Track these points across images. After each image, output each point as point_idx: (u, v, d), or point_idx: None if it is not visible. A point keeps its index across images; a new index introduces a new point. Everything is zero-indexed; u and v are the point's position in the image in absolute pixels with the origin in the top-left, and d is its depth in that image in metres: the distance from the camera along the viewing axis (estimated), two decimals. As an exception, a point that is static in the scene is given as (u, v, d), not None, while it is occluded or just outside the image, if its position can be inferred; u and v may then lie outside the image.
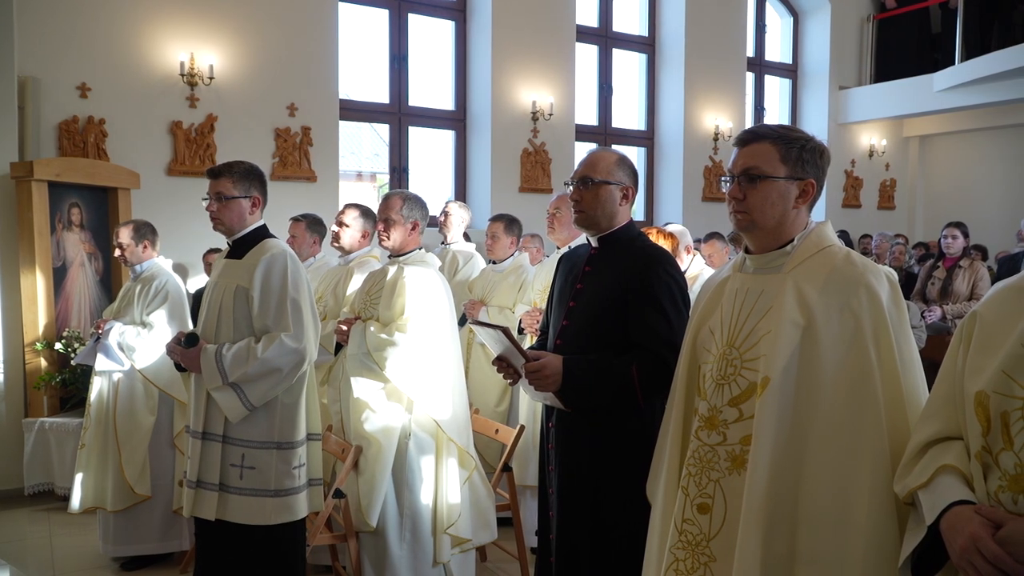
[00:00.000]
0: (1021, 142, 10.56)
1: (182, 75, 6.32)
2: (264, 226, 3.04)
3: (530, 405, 4.21)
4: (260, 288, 2.86)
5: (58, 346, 5.10)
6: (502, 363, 2.40)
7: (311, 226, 4.72)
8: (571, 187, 2.46)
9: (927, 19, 10.43)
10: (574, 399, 2.34)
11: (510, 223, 4.76)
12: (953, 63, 9.33)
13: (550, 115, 8.17)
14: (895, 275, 1.84)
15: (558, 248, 4.31)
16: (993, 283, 5.30)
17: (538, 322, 4.16)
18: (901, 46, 10.49)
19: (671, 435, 2.01)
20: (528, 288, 4.48)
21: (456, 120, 8.20)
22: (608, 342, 2.35)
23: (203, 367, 2.86)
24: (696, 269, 4.50)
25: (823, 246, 1.85)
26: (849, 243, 9.04)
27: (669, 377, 2.15)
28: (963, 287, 6.11)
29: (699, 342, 1.97)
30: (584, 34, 8.76)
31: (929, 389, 1.64)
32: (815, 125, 10.66)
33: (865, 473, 1.66)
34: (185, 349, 2.90)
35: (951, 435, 1.52)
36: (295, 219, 4.74)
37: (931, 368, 1.62)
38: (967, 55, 9.22)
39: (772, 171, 1.85)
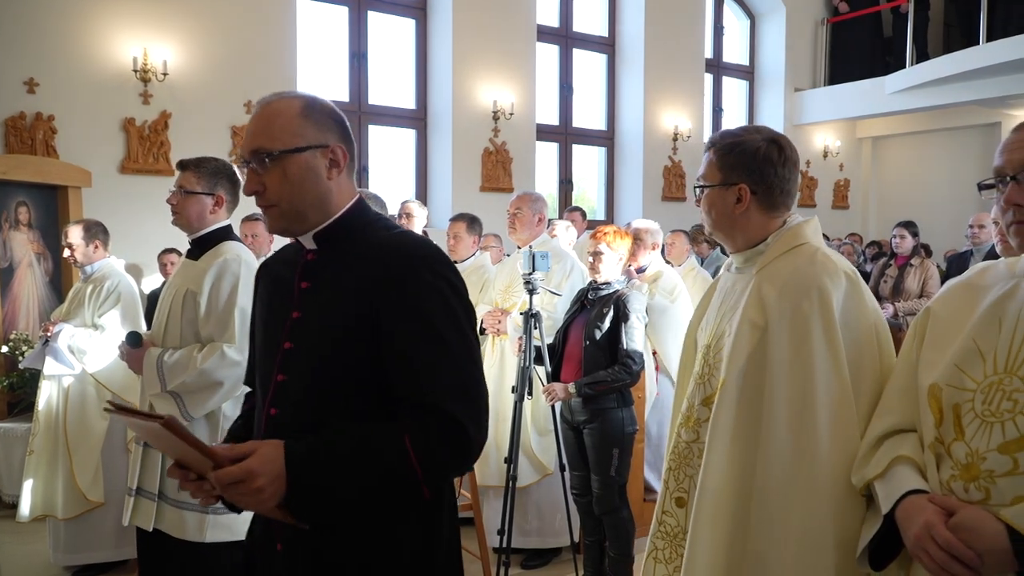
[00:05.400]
0: (968, 143, 10.87)
1: (135, 71, 6.18)
2: (227, 228, 2.94)
3: (492, 407, 4.20)
4: (208, 294, 2.76)
5: (4, 349, 4.95)
6: (180, 471, 1.39)
7: None
8: (243, 168, 1.55)
9: (879, 23, 10.67)
10: (312, 510, 1.38)
11: (472, 223, 4.75)
12: (904, 66, 9.56)
13: (511, 114, 8.17)
14: (856, 271, 1.82)
15: (519, 248, 4.31)
16: (943, 281, 5.44)
17: (500, 322, 4.17)
18: (854, 49, 10.72)
19: (669, 431, 2.09)
20: (489, 288, 4.48)
21: (417, 119, 8.16)
22: (356, 404, 1.46)
23: (144, 372, 2.78)
24: (656, 267, 4.52)
25: (794, 245, 1.84)
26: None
27: (468, 444, 1.41)
28: (914, 285, 6.26)
29: (697, 337, 2.03)
30: (545, 34, 8.78)
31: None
32: (771, 126, 10.71)
33: (800, 493, 1.65)
34: (130, 349, 2.84)
35: (906, 427, 1.55)
36: (252, 218, 4.66)
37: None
38: (919, 58, 9.46)
39: (711, 180, 1.90)
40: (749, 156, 1.85)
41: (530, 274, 3.48)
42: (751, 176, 1.84)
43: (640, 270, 4.46)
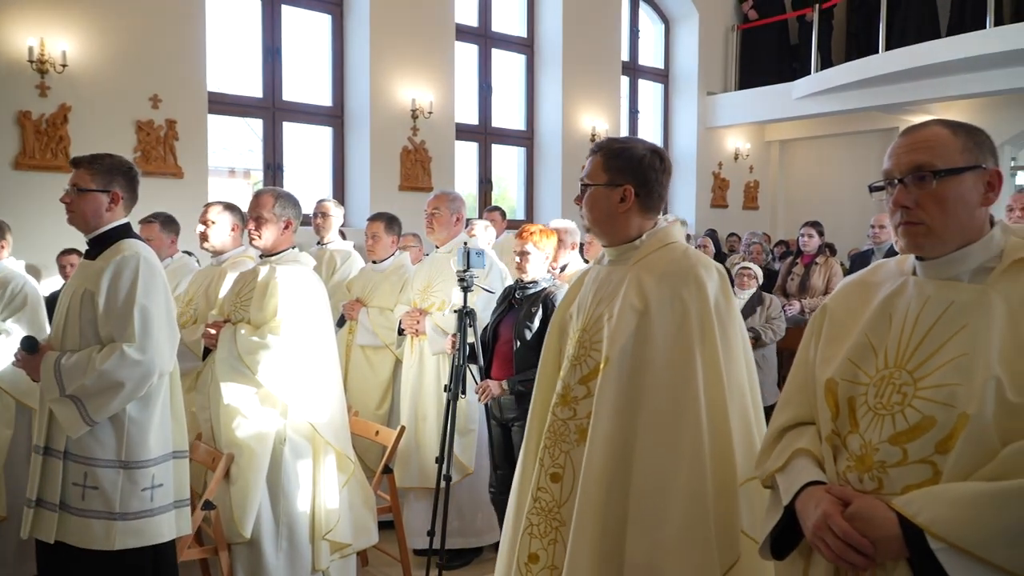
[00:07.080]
0: (869, 147, 11.38)
1: (31, 61, 5.86)
2: (126, 226, 2.85)
3: (411, 407, 4.17)
4: (106, 293, 2.65)
5: None
6: None
7: (165, 225, 4.45)
8: None
9: (786, 31, 11.08)
10: None
11: (390, 222, 4.69)
12: (809, 72, 9.96)
13: (430, 113, 8.12)
14: (724, 269, 2.08)
15: (437, 248, 4.28)
16: (845, 278, 5.66)
17: (418, 322, 4.13)
18: (763, 55, 11.09)
19: (533, 411, 2.22)
20: (408, 288, 4.43)
21: (333, 116, 8.01)
22: None
23: (42, 377, 2.67)
24: (576, 267, 4.57)
25: (667, 242, 2.07)
26: (717, 242, 9.47)
27: None
28: (819, 282, 6.53)
29: (565, 323, 2.18)
30: (464, 33, 8.76)
31: (786, 376, 1.74)
32: (685, 128, 11.12)
33: (685, 447, 1.85)
34: (27, 355, 2.70)
35: (805, 420, 1.61)
36: (147, 221, 4.41)
37: (792, 357, 1.74)
38: (823, 65, 9.87)
39: (597, 180, 2.08)
40: (636, 161, 2.05)
41: (465, 271, 3.47)
42: (636, 179, 2.05)
43: (560, 270, 4.50)
